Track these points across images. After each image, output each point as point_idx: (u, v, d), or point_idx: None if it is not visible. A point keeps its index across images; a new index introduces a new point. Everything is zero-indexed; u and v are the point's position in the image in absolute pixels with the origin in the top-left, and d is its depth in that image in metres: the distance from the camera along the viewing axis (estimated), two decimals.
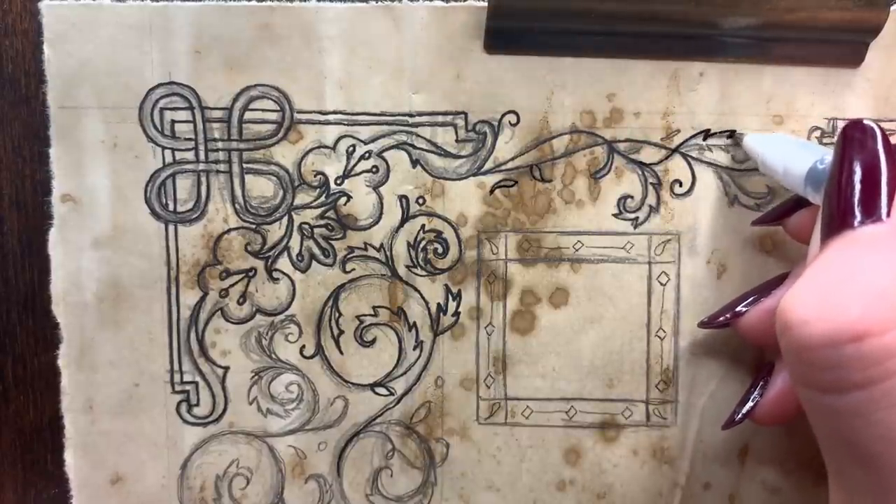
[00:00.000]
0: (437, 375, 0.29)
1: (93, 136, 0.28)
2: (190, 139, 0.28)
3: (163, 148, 0.28)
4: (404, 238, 0.29)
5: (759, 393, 0.26)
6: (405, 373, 0.29)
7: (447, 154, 0.28)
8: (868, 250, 0.18)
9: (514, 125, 0.28)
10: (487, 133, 0.28)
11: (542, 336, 0.29)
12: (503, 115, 0.28)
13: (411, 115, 0.28)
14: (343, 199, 0.28)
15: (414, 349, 0.29)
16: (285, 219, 0.28)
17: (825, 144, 0.28)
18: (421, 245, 0.29)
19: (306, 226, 0.29)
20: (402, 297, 0.29)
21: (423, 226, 0.29)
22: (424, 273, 0.29)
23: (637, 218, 0.29)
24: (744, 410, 0.26)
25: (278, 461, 0.30)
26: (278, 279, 0.29)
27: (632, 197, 0.29)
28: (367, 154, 0.28)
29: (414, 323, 0.29)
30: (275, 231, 0.29)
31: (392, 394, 0.29)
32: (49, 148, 0.28)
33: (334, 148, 0.28)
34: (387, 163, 0.28)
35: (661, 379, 0.29)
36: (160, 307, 0.29)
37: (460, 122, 0.28)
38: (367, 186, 0.28)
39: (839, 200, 0.19)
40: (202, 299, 0.29)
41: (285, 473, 0.30)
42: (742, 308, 0.26)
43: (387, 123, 0.28)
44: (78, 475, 0.29)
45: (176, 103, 0.28)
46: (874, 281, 0.17)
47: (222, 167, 0.28)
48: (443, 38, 0.28)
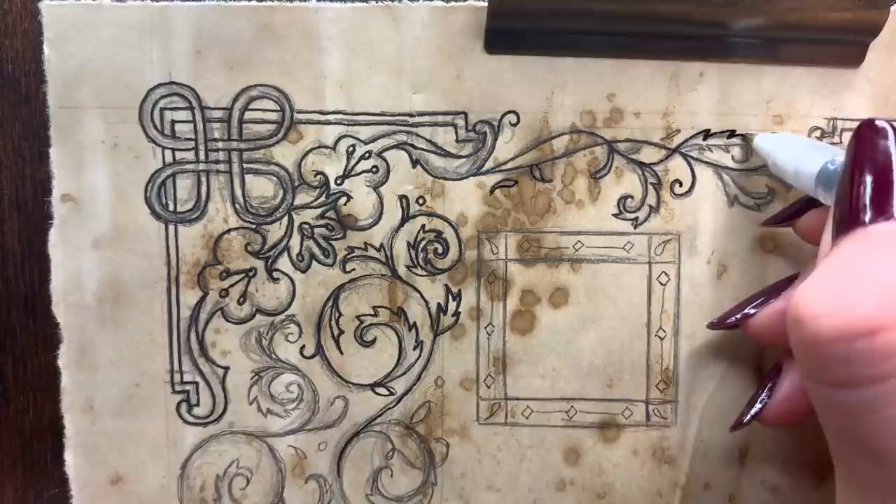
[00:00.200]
0: (437, 375, 0.29)
1: (93, 136, 0.28)
2: (190, 139, 0.28)
3: (163, 148, 0.28)
4: (404, 238, 0.29)
5: (768, 395, 0.26)
6: (405, 373, 0.29)
7: (447, 154, 0.28)
8: (880, 247, 0.18)
9: (514, 125, 0.28)
10: (487, 133, 0.28)
11: (542, 336, 0.29)
12: (503, 115, 0.28)
13: (411, 115, 0.28)
14: (343, 199, 0.28)
15: (414, 349, 0.29)
16: (285, 219, 0.28)
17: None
18: (421, 245, 0.29)
19: (306, 226, 0.29)
20: (402, 297, 0.29)
21: (424, 226, 0.29)
22: (424, 273, 0.29)
23: (637, 218, 0.29)
24: (752, 412, 0.26)
25: (278, 461, 0.30)
26: (278, 279, 0.29)
27: (632, 197, 0.29)
28: (367, 154, 0.28)
29: (414, 323, 0.29)
30: (275, 231, 0.29)
31: (392, 394, 0.29)
32: (49, 148, 0.28)
33: (334, 148, 0.28)
34: (387, 163, 0.28)
35: (661, 379, 0.29)
36: (160, 307, 0.29)
37: (460, 122, 0.28)
38: (368, 186, 0.28)
39: (851, 198, 0.19)
40: (202, 299, 0.29)
41: (285, 473, 0.30)
42: (751, 309, 0.26)
43: (387, 123, 0.28)
44: (78, 475, 0.29)
45: (176, 103, 0.28)
46: (887, 277, 0.17)
47: (222, 167, 0.28)
48: (443, 38, 0.28)
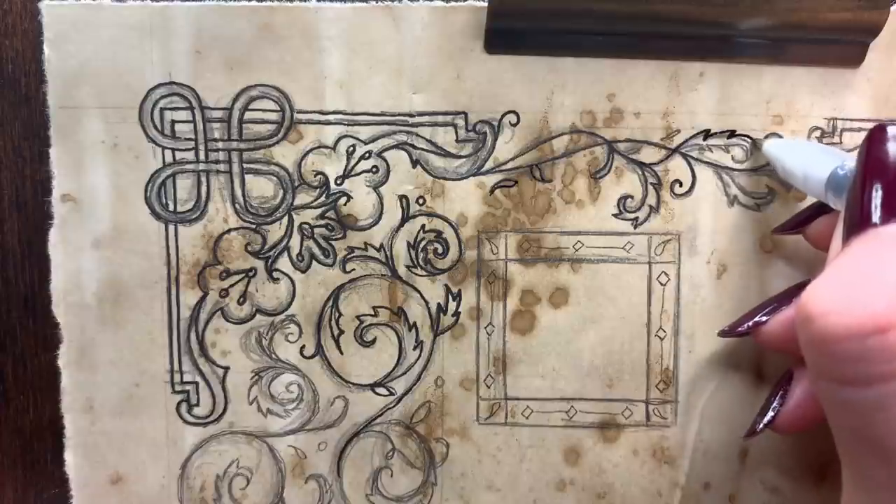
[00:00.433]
0: (437, 375, 0.29)
1: (93, 136, 0.28)
2: (190, 139, 0.28)
3: (163, 148, 0.28)
4: (404, 238, 0.29)
5: (780, 402, 0.26)
6: (405, 373, 0.29)
7: (447, 154, 0.28)
8: (891, 247, 0.18)
9: (514, 125, 0.28)
10: (487, 133, 0.28)
11: (542, 336, 0.29)
12: (503, 115, 0.28)
13: (411, 115, 0.28)
14: (343, 199, 0.28)
15: (414, 349, 0.29)
16: (285, 219, 0.28)
17: (826, 145, 0.28)
18: (421, 245, 0.29)
19: (306, 226, 0.29)
20: (402, 297, 0.29)
21: (423, 226, 0.29)
22: (424, 273, 0.29)
23: (637, 218, 0.29)
24: (765, 420, 0.26)
25: (278, 461, 0.30)
26: (278, 279, 0.29)
27: (632, 197, 0.29)
28: (367, 154, 0.28)
29: (414, 323, 0.29)
30: (275, 231, 0.29)
31: (392, 394, 0.29)
32: (49, 148, 0.28)
33: (334, 148, 0.28)
34: (387, 163, 0.28)
35: (661, 379, 0.29)
36: (160, 307, 0.29)
37: (460, 122, 0.28)
38: (368, 186, 0.28)
39: (863, 201, 0.19)
40: (202, 299, 0.29)
41: (285, 473, 0.30)
42: (762, 317, 0.26)
43: (387, 123, 0.28)
44: (78, 475, 0.29)
45: (176, 103, 0.28)
46: None
47: (222, 167, 0.28)
48: (443, 38, 0.28)
